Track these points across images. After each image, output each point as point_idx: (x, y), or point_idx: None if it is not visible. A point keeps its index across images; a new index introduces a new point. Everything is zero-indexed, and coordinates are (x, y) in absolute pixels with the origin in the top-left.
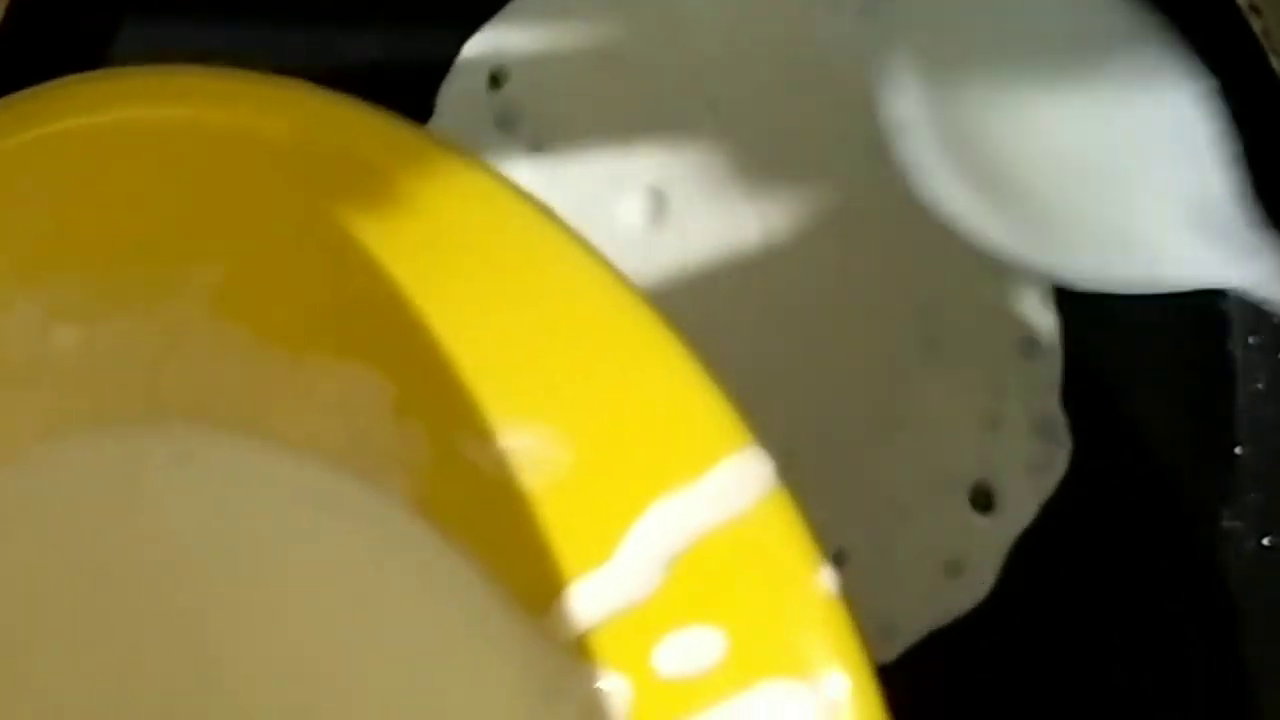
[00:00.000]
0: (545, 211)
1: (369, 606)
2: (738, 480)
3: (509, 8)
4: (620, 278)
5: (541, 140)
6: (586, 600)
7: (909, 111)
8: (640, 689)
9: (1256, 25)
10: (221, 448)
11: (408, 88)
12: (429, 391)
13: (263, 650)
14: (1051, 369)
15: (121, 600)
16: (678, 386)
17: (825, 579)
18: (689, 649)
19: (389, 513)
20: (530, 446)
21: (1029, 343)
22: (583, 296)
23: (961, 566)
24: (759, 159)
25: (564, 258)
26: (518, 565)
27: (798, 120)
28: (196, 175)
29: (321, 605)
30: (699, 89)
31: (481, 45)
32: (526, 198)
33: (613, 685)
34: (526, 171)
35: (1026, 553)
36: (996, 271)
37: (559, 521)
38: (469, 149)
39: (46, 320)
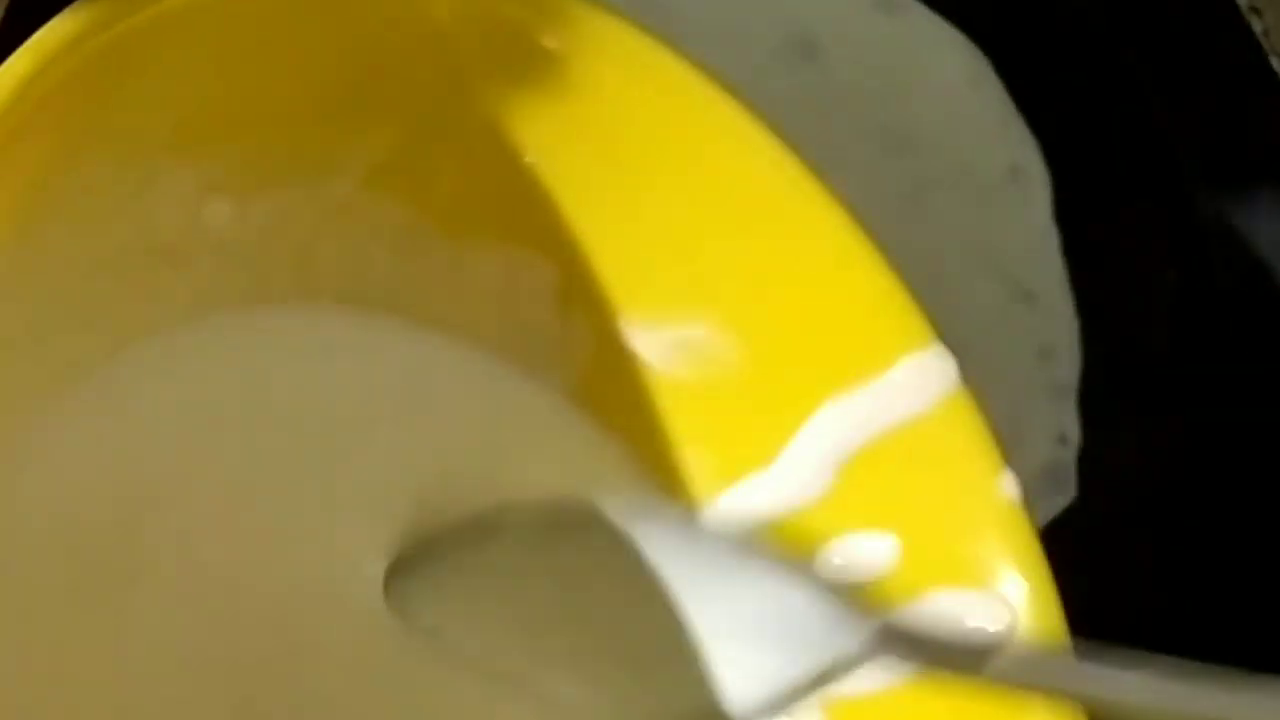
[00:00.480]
0: (725, 92)
1: (522, 496)
2: (919, 379)
3: None
4: (805, 167)
5: None
6: (749, 501)
7: None
8: None
9: (1257, 25)
10: (373, 332)
11: None
12: (595, 279)
13: (397, 527)
14: (1070, 374)
15: (262, 478)
16: (859, 281)
17: (1007, 485)
18: (857, 555)
19: (546, 402)
20: (700, 339)
21: (1048, 349)
22: (762, 184)
23: None
24: None
25: (744, 142)
26: (677, 462)
27: (803, 121)
28: (357, 49)
29: (471, 494)
30: None
31: None
32: (706, 78)
33: None
34: None
35: None
36: (1014, 277)
37: (725, 418)
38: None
39: (200, 194)
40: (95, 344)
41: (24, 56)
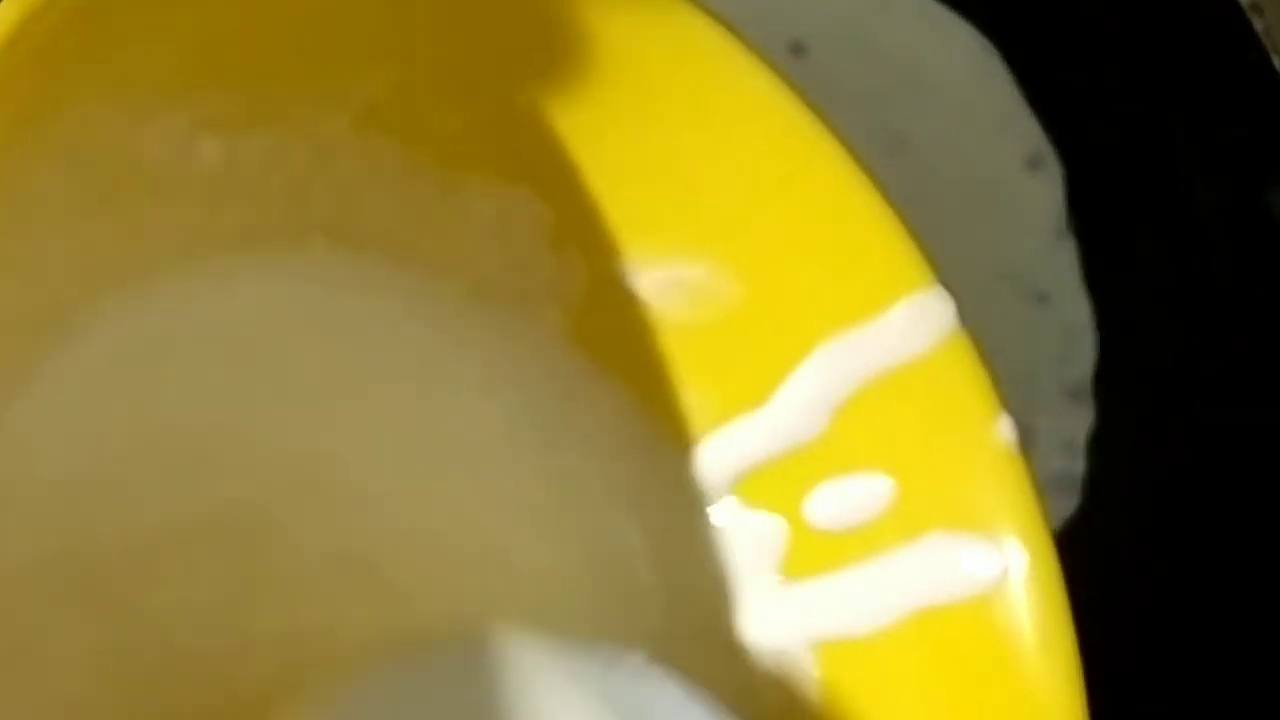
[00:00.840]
0: (725, 30)
1: (511, 433)
2: (917, 321)
3: None
4: (802, 103)
5: None
6: (744, 440)
7: None
8: (796, 532)
9: (1258, 25)
10: (365, 270)
11: None
12: (591, 218)
13: (396, 472)
14: (1084, 376)
15: (256, 417)
16: (859, 221)
17: (1004, 428)
18: (854, 496)
19: (538, 340)
20: (696, 279)
21: (1063, 352)
22: (761, 122)
23: None
24: None
25: (745, 83)
26: (672, 400)
27: None
28: None
29: (460, 432)
30: None
31: None
32: (708, 16)
33: (767, 526)
34: None
35: None
36: (1026, 278)
37: (721, 357)
38: None
39: (192, 132)
40: (81, 286)
41: (11, 5)
